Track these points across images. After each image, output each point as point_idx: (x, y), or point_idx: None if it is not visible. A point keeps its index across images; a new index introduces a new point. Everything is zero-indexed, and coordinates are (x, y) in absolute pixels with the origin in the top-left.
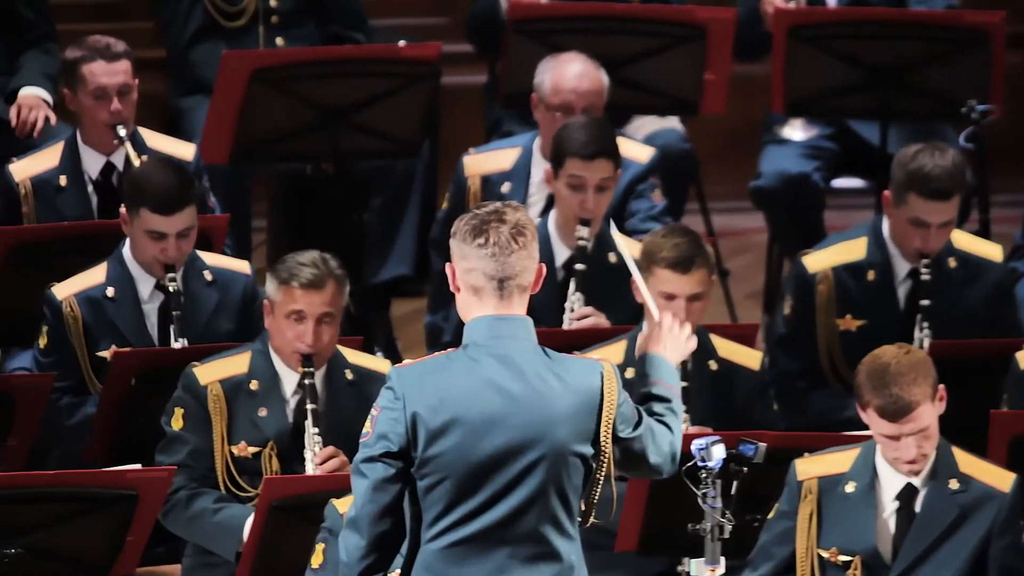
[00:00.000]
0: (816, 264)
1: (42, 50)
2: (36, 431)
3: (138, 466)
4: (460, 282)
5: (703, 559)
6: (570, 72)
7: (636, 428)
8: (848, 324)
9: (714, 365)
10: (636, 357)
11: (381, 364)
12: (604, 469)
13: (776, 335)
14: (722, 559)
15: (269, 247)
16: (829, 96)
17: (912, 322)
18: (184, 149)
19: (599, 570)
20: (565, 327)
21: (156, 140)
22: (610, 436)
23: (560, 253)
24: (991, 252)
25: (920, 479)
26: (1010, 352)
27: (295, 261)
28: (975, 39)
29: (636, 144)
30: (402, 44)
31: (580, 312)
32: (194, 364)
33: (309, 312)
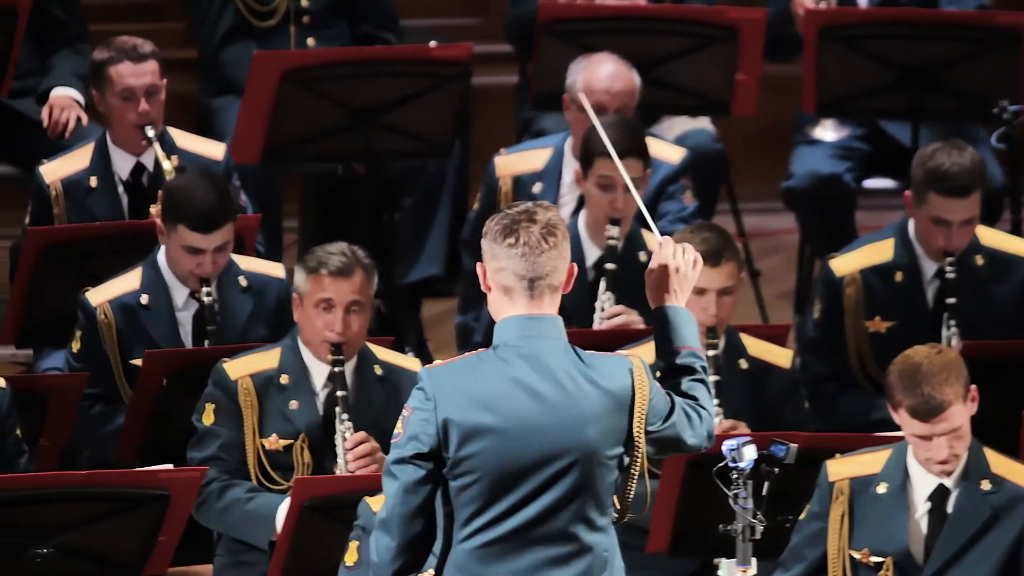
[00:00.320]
0: (843, 267)
1: (74, 50)
2: (68, 431)
3: (170, 466)
4: (491, 282)
5: (734, 560)
6: (602, 72)
7: (668, 418)
8: (877, 326)
9: (745, 364)
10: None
11: (410, 361)
12: (638, 466)
13: (806, 339)
14: (753, 560)
15: (300, 247)
16: (860, 96)
17: (941, 322)
18: (214, 149)
19: (630, 570)
20: (596, 326)
21: (186, 140)
22: (643, 433)
23: (591, 253)
24: (1019, 248)
25: (952, 480)
26: None
27: (323, 251)
28: (1007, 39)
29: (668, 145)
30: (433, 45)
31: (611, 311)
32: (224, 360)
33: (338, 300)
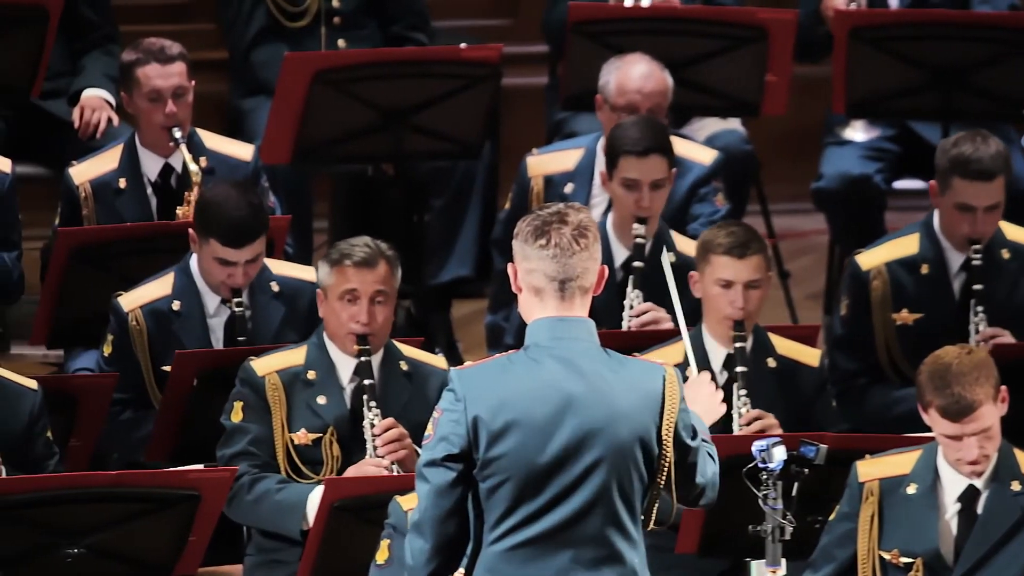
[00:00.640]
0: (869, 261)
1: (104, 51)
2: (99, 432)
3: (200, 466)
4: (522, 283)
5: (764, 560)
6: (635, 73)
7: (694, 439)
8: (905, 318)
9: (772, 363)
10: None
11: (435, 358)
12: (665, 472)
13: (834, 336)
14: (783, 560)
15: (330, 248)
16: (891, 97)
17: (968, 314)
18: (242, 150)
19: (660, 571)
20: (625, 324)
21: (214, 141)
22: (671, 439)
23: (619, 254)
24: None
25: (982, 481)
26: None
27: (346, 244)
28: None
29: (699, 146)
30: (463, 46)
31: (640, 308)
32: (251, 358)
33: (362, 291)
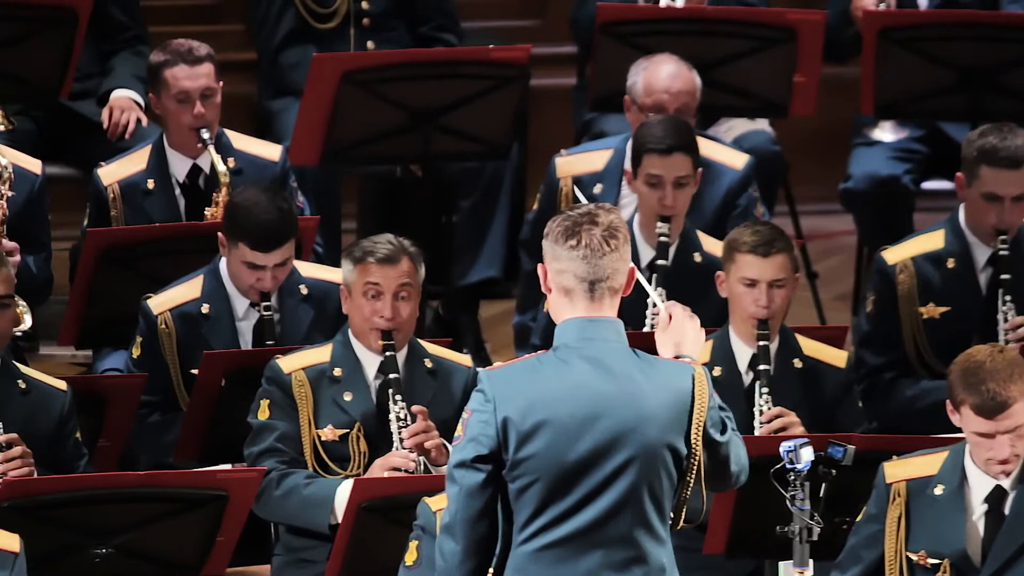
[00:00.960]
0: (895, 256)
1: (133, 52)
2: (128, 432)
3: (228, 466)
4: (552, 283)
5: (791, 561)
6: (663, 73)
7: (724, 434)
8: (931, 312)
9: (799, 363)
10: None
11: (460, 356)
12: (694, 472)
13: (860, 334)
14: (811, 561)
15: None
16: (920, 98)
17: (996, 308)
18: (271, 150)
19: (688, 572)
20: (648, 322)
21: (243, 142)
22: (700, 438)
23: (645, 253)
24: None
25: (1009, 481)
26: None
27: (369, 241)
28: None
29: (730, 150)
30: (491, 47)
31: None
32: (277, 356)
33: (386, 286)
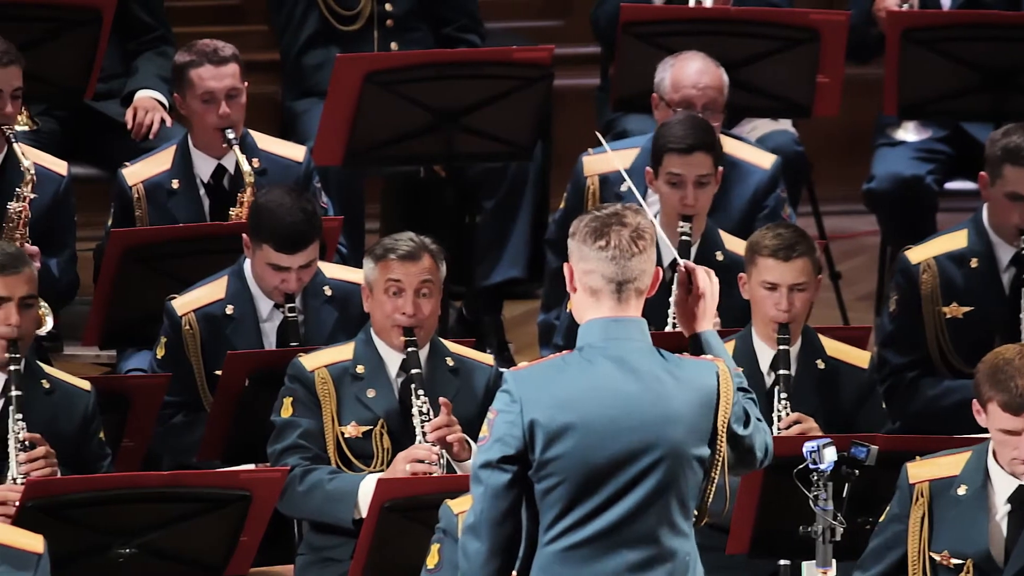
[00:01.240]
0: (919, 255)
1: (158, 53)
2: (151, 432)
3: (251, 466)
4: (578, 283)
5: (814, 561)
6: (691, 69)
7: (747, 426)
8: (954, 311)
9: (821, 364)
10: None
11: (482, 355)
12: (718, 469)
13: (883, 334)
14: (833, 562)
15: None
16: (943, 98)
17: (1019, 308)
18: (295, 151)
19: (711, 572)
20: (670, 320)
21: (267, 142)
22: (725, 436)
23: (666, 253)
24: None
25: None
26: None
27: (390, 239)
28: None
29: (757, 150)
30: (515, 48)
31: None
32: (299, 354)
33: (407, 282)
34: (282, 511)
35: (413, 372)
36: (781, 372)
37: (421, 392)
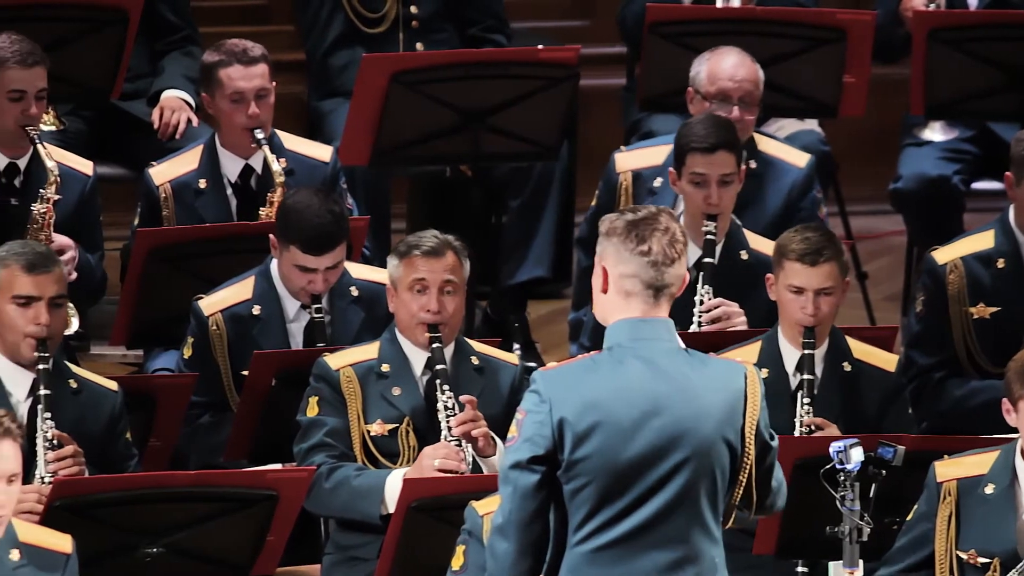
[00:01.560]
0: (945, 256)
1: (184, 53)
2: (178, 432)
3: (278, 466)
4: (612, 285)
5: (841, 562)
6: (727, 62)
7: (773, 439)
8: (981, 312)
9: (848, 366)
10: None
11: (507, 354)
12: (746, 471)
13: (910, 334)
14: (860, 562)
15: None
16: (970, 98)
17: None
18: (321, 151)
19: (737, 572)
20: (695, 319)
21: (294, 142)
22: (753, 437)
23: (691, 252)
24: None
25: None
26: None
27: (414, 236)
28: None
29: (791, 148)
30: (540, 47)
31: (709, 304)
32: (324, 354)
33: (431, 280)
34: (309, 509)
35: (438, 368)
36: (805, 377)
37: (447, 387)
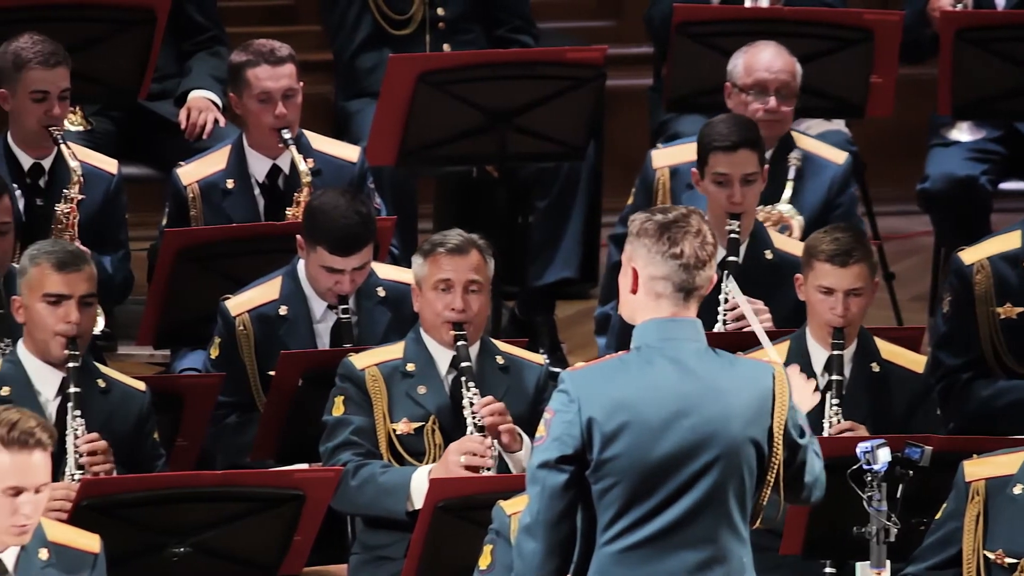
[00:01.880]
0: (972, 256)
1: (211, 53)
2: (205, 432)
3: (305, 466)
4: (642, 286)
5: (868, 562)
6: (764, 54)
7: (803, 437)
8: (1008, 312)
9: (876, 367)
10: None
11: (532, 354)
12: (774, 472)
13: (937, 334)
14: (888, 562)
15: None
16: (997, 98)
17: None
18: (349, 151)
19: (764, 572)
20: (719, 318)
21: (321, 143)
22: (782, 437)
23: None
24: None
25: None
26: None
27: (439, 235)
28: None
29: (828, 146)
30: (567, 48)
31: (733, 302)
32: (349, 354)
33: (456, 279)
34: (335, 507)
35: (463, 366)
36: (834, 377)
37: (472, 384)
